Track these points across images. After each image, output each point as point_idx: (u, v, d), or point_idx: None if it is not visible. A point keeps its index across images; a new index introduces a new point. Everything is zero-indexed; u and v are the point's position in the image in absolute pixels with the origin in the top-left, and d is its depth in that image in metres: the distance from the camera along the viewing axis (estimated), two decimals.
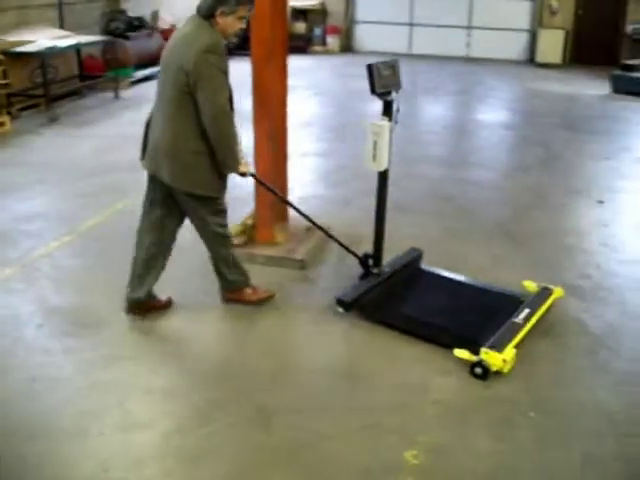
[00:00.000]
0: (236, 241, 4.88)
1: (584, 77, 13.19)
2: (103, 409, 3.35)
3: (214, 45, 3.61)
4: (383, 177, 4.33)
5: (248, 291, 4.35)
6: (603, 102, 11.54)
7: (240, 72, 5.49)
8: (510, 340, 3.73)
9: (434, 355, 3.85)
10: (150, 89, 5.37)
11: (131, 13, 12.49)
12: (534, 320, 3.99)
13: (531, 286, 4.28)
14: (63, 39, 10.07)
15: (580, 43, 15.47)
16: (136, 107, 9.55)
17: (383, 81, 4.09)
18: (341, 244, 4.50)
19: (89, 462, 3.01)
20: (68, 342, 3.92)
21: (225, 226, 4.11)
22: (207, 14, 3.68)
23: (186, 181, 3.81)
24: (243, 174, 3.98)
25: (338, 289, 4.42)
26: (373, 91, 4.08)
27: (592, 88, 12.51)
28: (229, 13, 3.66)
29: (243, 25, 3.79)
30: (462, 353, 3.70)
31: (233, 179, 3.95)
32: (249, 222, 5.04)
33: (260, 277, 4.63)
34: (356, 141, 8.36)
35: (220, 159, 3.77)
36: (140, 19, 12.53)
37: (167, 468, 3.00)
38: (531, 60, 15.36)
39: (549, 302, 4.21)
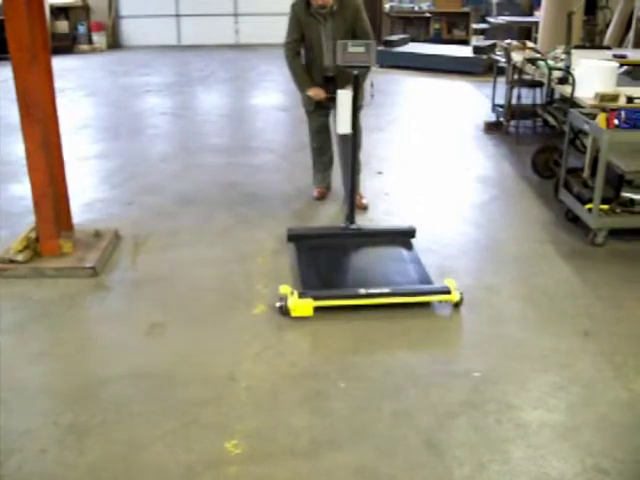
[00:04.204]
0: (20, 257, 4.61)
1: None
2: None
3: (293, 4, 5.41)
4: (353, 140, 4.95)
5: (361, 198, 5.69)
6: (372, 77, 12.07)
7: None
8: (325, 298, 4.08)
9: (238, 342, 3.89)
10: None
11: None
12: (380, 300, 4.10)
13: (451, 283, 4.22)
14: None
15: None
16: None
17: (348, 56, 4.62)
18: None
19: None
20: None
21: None
22: None
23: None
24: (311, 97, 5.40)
25: (133, 293, 4.36)
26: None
27: None
28: None
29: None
30: (284, 289, 4.11)
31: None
32: (32, 235, 4.76)
33: (52, 290, 4.41)
34: (133, 140, 8.20)
35: None
36: None
37: None
38: None
39: (428, 297, 4.21)
